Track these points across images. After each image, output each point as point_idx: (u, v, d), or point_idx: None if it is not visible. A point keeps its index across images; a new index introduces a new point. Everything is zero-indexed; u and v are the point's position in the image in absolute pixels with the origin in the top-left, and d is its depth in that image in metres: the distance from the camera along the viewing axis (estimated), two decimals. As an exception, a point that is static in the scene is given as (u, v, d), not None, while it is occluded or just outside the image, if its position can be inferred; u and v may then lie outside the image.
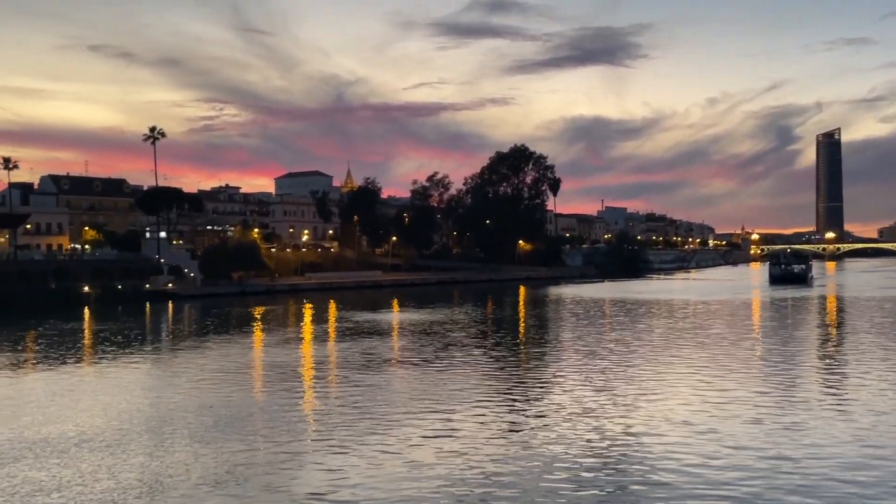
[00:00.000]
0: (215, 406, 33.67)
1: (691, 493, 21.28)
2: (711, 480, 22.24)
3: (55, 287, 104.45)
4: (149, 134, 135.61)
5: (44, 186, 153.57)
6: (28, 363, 50.01)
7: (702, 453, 25.04)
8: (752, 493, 21.18)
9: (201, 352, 54.17)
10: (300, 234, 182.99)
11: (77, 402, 35.46)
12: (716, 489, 21.49)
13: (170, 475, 23.31)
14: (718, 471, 23.13)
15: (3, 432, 29.07)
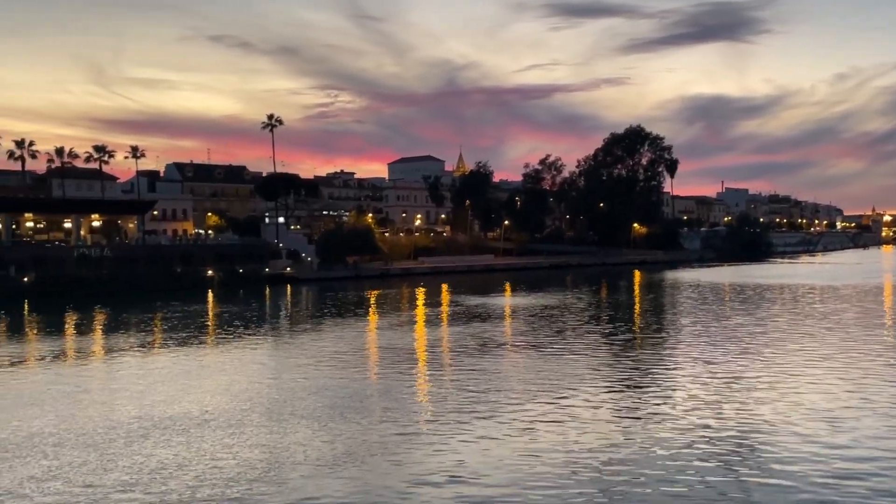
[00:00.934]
0: (332, 388, 34.20)
1: (818, 483, 20.18)
2: (839, 472, 21.05)
3: (181, 270, 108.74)
4: (267, 122, 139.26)
5: (169, 174, 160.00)
6: (155, 344, 52.16)
7: (830, 444, 23.76)
8: (887, 488, 19.92)
9: (318, 334, 55.27)
10: (413, 218, 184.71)
11: (200, 382, 36.68)
12: (843, 482, 20.31)
13: (289, 455, 23.73)
14: (848, 462, 21.87)
15: (132, 410, 30.30)
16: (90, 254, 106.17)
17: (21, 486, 21.02)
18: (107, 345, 52.01)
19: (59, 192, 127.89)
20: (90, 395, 34.00)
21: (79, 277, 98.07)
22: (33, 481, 21.47)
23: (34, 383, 37.36)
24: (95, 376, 40.27)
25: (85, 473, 22.09)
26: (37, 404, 31.72)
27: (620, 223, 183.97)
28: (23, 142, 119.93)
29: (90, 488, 20.78)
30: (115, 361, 44.76)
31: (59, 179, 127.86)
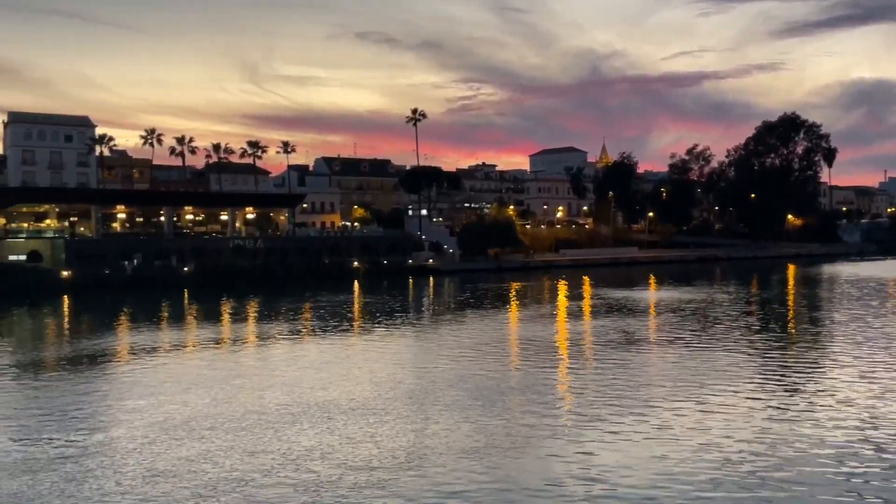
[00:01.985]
0: (473, 379, 34.30)
1: None
2: None
3: (328, 262, 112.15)
4: (411, 116, 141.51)
5: (318, 168, 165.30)
6: (304, 332, 53.94)
7: None
8: None
9: (459, 325, 55.65)
10: (554, 210, 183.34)
11: (346, 370, 37.60)
12: None
13: (430, 445, 23.92)
14: None
15: (282, 396, 31.39)
16: (245, 245, 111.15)
17: (174, 467, 22.11)
18: (259, 332, 54.21)
19: (216, 186, 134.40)
20: (243, 380, 35.46)
21: (234, 267, 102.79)
22: (186, 462, 22.54)
23: (192, 368, 39.36)
24: (248, 362, 42.01)
25: (233, 458, 23.00)
26: (194, 388, 33.37)
27: (773, 215, 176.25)
28: (183, 138, 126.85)
29: (237, 472, 21.61)
30: (266, 348, 46.59)
31: (217, 174, 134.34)
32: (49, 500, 19.41)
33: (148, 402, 30.59)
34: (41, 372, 38.92)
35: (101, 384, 35.75)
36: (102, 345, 48.24)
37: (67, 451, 23.67)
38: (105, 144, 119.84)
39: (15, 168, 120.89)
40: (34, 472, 21.62)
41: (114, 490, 20.24)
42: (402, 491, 19.91)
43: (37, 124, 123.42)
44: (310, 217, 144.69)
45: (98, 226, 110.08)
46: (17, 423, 27.72)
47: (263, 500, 19.36)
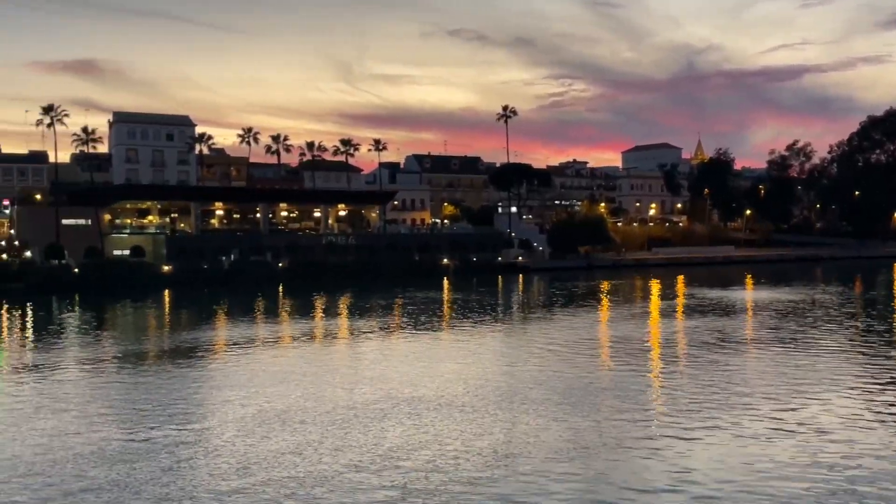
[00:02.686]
0: (563, 378, 33.87)
1: None
2: None
3: (418, 258, 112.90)
4: (501, 113, 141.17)
5: (408, 165, 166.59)
6: (394, 328, 54.34)
7: None
8: None
9: (549, 324, 55.15)
10: (647, 208, 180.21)
11: (435, 366, 37.65)
12: None
13: (520, 445, 23.68)
14: None
15: (372, 392, 31.63)
16: (337, 241, 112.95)
17: (265, 460, 22.46)
18: (350, 327, 54.89)
19: (309, 183, 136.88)
20: (335, 375, 35.90)
21: (327, 263, 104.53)
22: (276, 455, 22.87)
23: (285, 361, 40.07)
24: (340, 357, 42.56)
25: (323, 452, 23.23)
26: (286, 382, 33.94)
27: (878, 213, 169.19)
28: (279, 137, 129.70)
29: (325, 466, 21.80)
30: (357, 344, 47.12)
31: (310, 172, 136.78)
32: (144, 489, 19.96)
33: (242, 394, 31.26)
34: (142, 363, 40.25)
35: (198, 376, 36.74)
36: (200, 337, 49.62)
37: (163, 442, 24.34)
38: (204, 143, 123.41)
39: (119, 166, 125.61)
40: (132, 462, 22.29)
41: (206, 481, 20.69)
42: (492, 490, 19.73)
43: (140, 124, 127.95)
44: (400, 214, 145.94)
45: (197, 222, 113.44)
46: (118, 412, 28.69)
47: (351, 495, 19.47)
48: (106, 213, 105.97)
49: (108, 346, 46.37)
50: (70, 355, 43.21)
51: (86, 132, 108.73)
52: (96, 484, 20.34)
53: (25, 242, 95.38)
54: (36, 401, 30.89)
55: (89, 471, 21.40)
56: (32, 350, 46.42)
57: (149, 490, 19.80)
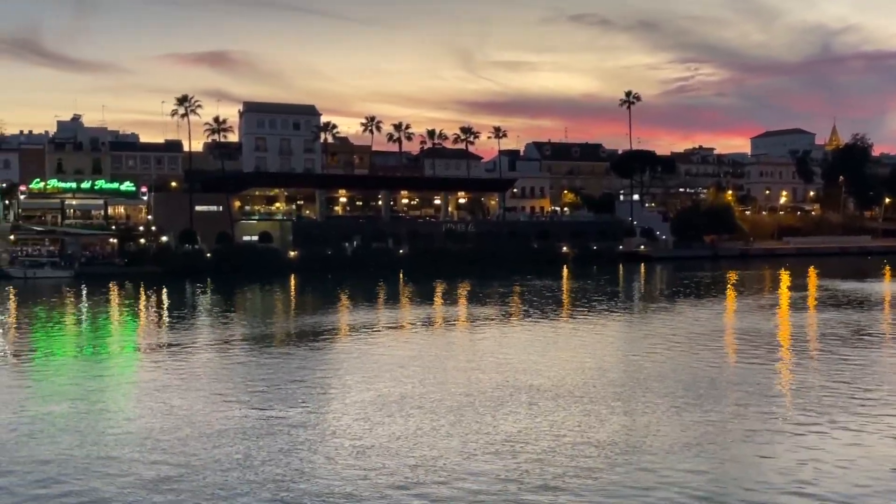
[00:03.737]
0: (685, 370, 33.00)
1: None
2: None
3: (537, 246, 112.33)
4: (624, 99, 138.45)
5: (528, 153, 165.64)
6: (513, 316, 54.25)
7: None
8: None
9: (671, 314, 53.85)
10: (777, 195, 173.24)
11: (554, 355, 37.35)
12: None
13: (640, 438, 23.18)
14: None
15: (489, 379, 31.65)
16: (457, 229, 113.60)
17: (381, 444, 22.78)
18: (469, 314, 55.14)
19: (430, 171, 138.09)
20: (453, 361, 36.13)
21: (446, 250, 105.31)
22: (393, 440, 23.15)
23: (405, 347, 40.60)
24: (458, 344, 42.81)
25: (439, 438, 23.36)
26: (406, 367, 34.37)
27: None
28: (400, 125, 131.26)
29: (440, 453, 21.89)
30: (476, 331, 47.28)
31: (431, 159, 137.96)
32: (262, 469, 20.57)
33: (362, 378, 31.84)
34: (268, 345, 41.61)
35: (320, 359, 37.71)
36: (323, 322, 50.90)
37: (284, 423, 25.04)
38: (329, 132, 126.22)
39: (249, 154, 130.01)
40: (253, 441, 23.03)
41: (322, 462, 21.16)
42: (610, 483, 19.37)
43: (268, 113, 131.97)
44: (520, 202, 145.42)
45: (322, 209, 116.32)
46: (242, 392, 29.72)
47: (466, 482, 19.50)
48: (236, 200, 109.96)
49: (236, 328, 48.16)
50: (201, 336, 45.13)
51: (217, 122, 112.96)
52: (218, 461, 21.11)
53: (161, 228, 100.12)
54: (168, 379, 32.38)
55: (212, 449, 22.24)
56: (167, 330, 48.75)
57: (267, 470, 20.39)
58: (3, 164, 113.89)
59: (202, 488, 19.05)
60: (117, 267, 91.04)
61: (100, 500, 18.38)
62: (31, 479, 19.71)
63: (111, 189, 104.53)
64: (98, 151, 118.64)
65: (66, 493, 18.82)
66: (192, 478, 19.80)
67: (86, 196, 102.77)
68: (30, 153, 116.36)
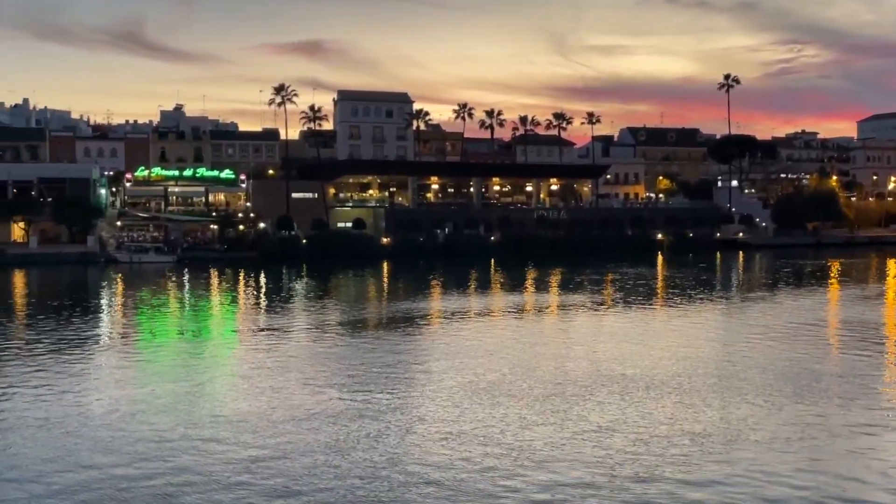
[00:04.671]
0: (785, 362, 31.91)
1: None
2: None
3: (631, 233, 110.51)
4: (723, 82, 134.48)
5: (622, 138, 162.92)
6: (605, 303, 53.51)
7: None
8: None
9: (771, 304, 52.20)
10: (885, 181, 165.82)
11: (646, 344, 36.64)
12: None
13: (737, 431, 22.49)
14: None
15: (580, 367, 31.28)
16: (549, 216, 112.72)
17: (468, 430, 22.73)
18: (561, 302, 54.66)
19: (522, 157, 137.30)
20: (544, 349, 35.87)
21: (538, 237, 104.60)
22: (480, 427, 23.08)
23: (496, 334, 40.50)
24: (549, 332, 42.48)
25: (527, 426, 23.16)
26: (497, 354, 34.28)
27: None
28: (492, 112, 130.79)
29: (528, 441, 21.70)
30: (567, 318, 46.84)
31: (523, 146, 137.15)
32: (348, 452, 20.77)
33: (452, 364, 31.90)
34: (360, 330, 42.14)
35: (411, 345, 37.98)
36: (415, 308, 51.24)
37: (374, 407, 25.27)
38: (421, 119, 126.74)
39: (343, 142, 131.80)
40: (343, 425, 23.30)
41: (407, 447, 21.26)
42: (705, 477, 18.86)
43: (362, 101, 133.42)
44: (613, 188, 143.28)
45: (414, 196, 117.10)
46: (334, 376, 30.14)
47: (554, 472, 19.29)
48: (331, 187, 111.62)
49: (330, 313, 48.95)
50: (296, 320, 46.04)
51: (313, 110, 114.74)
52: (308, 445, 21.44)
53: (259, 214, 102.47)
54: (263, 362, 33.12)
55: (302, 432, 22.59)
56: (264, 314, 49.91)
57: (355, 455, 20.58)
58: (110, 152, 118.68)
59: (290, 471, 19.39)
60: (217, 252, 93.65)
61: (193, 477, 18.91)
62: (130, 457, 20.43)
63: (212, 177, 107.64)
64: (199, 140, 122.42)
65: (162, 470, 19.43)
66: (281, 460, 20.17)
67: (188, 183, 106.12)
68: (135, 142, 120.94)
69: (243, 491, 18.10)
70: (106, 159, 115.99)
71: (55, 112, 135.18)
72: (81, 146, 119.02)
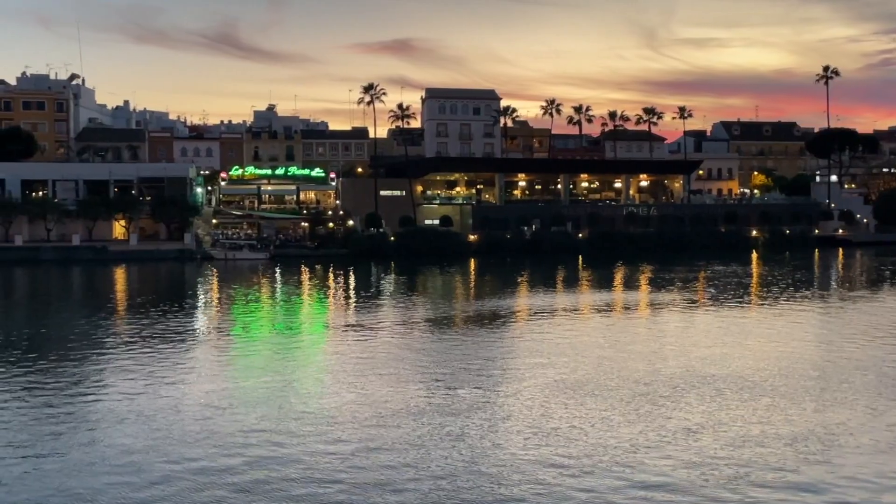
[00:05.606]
0: (887, 364, 30.60)
1: None
2: None
3: (724, 230, 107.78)
4: (822, 74, 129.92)
5: (715, 133, 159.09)
6: (697, 302, 52.31)
7: None
8: None
9: (872, 303, 50.17)
10: None
11: (741, 344, 35.62)
12: None
13: (836, 436, 21.65)
14: None
15: (671, 367, 30.63)
16: (638, 212, 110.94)
17: (557, 429, 22.49)
18: (651, 300, 53.70)
19: (611, 153, 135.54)
20: (633, 347, 35.27)
21: (627, 234, 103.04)
22: (569, 426, 22.80)
23: (585, 332, 39.99)
24: (639, 330, 41.75)
25: (618, 425, 22.80)
26: (584, 352, 33.87)
27: None
28: (580, 107, 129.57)
29: (619, 440, 21.31)
30: (658, 317, 45.99)
31: (612, 141, 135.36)
32: (433, 451, 20.77)
33: (539, 362, 31.66)
34: (447, 327, 42.25)
35: (498, 342, 37.87)
36: (502, 305, 51.10)
37: (459, 405, 25.25)
38: (509, 116, 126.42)
39: (430, 140, 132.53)
40: (427, 422, 23.32)
41: (493, 445, 21.14)
42: (801, 482, 18.21)
43: (449, 99, 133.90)
44: (706, 184, 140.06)
45: (501, 193, 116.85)
46: (420, 374, 30.25)
47: (641, 474, 18.91)
48: (418, 185, 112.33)
49: (417, 310, 49.24)
50: (384, 317, 46.47)
51: (401, 108, 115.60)
52: (393, 441, 21.56)
53: (348, 212, 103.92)
54: (351, 358, 33.53)
55: (384, 429, 22.73)
56: (353, 311, 50.58)
57: (436, 453, 20.55)
58: (206, 152, 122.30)
59: (374, 467, 19.53)
60: (308, 249, 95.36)
61: (281, 471, 19.25)
62: (218, 450, 20.91)
63: (303, 175, 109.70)
64: (291, 139, 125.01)
65: (248, 464, 19.84)
66: (364, 455, 20.34)
67: (280, 182, 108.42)
68: (229, 142, 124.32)
69: (329, 486, 18.32)
70: (202, 159, 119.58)
71: (154, 113, 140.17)
72: (179, 146, 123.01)
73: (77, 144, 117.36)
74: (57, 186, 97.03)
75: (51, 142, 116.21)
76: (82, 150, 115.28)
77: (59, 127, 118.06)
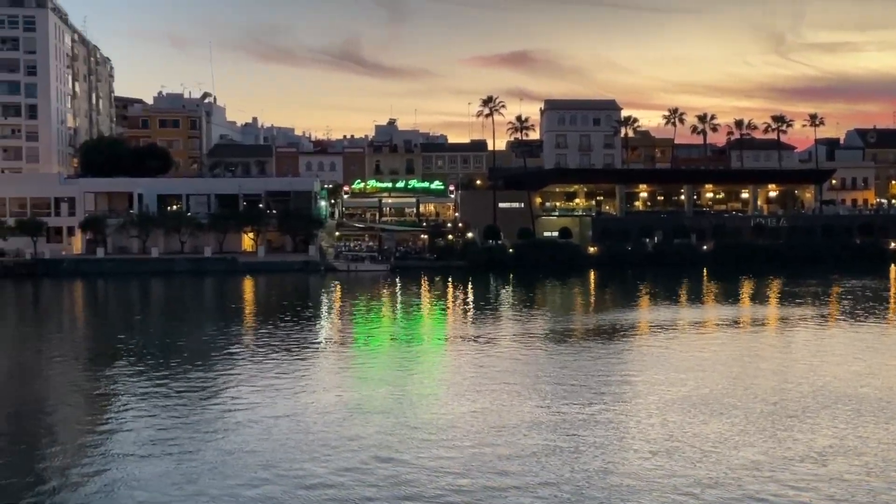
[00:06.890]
0: None
1: None
2: None
3: (859, 242, 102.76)
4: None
5: (849, 141, 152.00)
6: (830, 317, 49.99)
7: None
8: None
9: None
10: None
11: (876, 362, 33.80)
12: None
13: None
14: None
15: (802, 384, 29.33)
16: (766, 223, 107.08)
17: (682, 446, 21.85)
18: (780, 315, 51.67)
19: (737, 163, 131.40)
20: (762, 363, 34.02)
21: (754, 246, 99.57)
22: (695, 443, 22.14)
23: (710, 346, 38.81)
24: (768, 345, 40.22)
25: (747, 443, 22.00)
26: (710, 367, 32.89)
27: None
28: (705, 116, 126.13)
29: (748, 459, 20.56)
30: (787, 332, 44.22)
31: (738, 151, 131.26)
32: (547, 464, 20.55)
33: (661, 378, 30.92)
34: (566, 340, 41.81)
35: (618, 357, 37.20)
36: (623, 318, 50.20)
37: (576, 420, 24.92)
38: (629, 126, 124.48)
39: (549, 151, 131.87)
40: (543, 436, 23.11)
41: (614, 460, 20.74)
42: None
43: (569, 110, 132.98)
44: (839, 194, 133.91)
45: (621, 204, 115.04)
46: (539, 387, 30.03)
47: (773, 494, 18.16)
48: (537, 196, 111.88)
49: (536, 323, 48.96)
50: (502, 329, 46.42)
51: (519, 120, 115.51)
52: (507, 453, 21.48)
53: (467, 224, 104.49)
54: (469, 369, 33.62)
55: (502, 441, 22.67)
56: (471, 323, 50.74)
57: (559, 466, 20.34)
58: (329, 166, 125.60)
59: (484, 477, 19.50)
60: (427, 261, 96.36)
61: (397, 479, 19.45)
62: (339, 458, 21.33)
63: (422, 188, 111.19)
64: (411, 153, 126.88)
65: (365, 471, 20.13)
66: (475, 465, 20.35)
67: (400, 195, 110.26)
68: (351, 156, 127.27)
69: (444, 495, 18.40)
70: (325, 173, 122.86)
71: (280, 129, 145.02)
72: (304, 161, 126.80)
73: (209, 160, 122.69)
74: (190, 201, 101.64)
75: (185, 158, 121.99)
76: (214, 166, 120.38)
77: (193, 144, 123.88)
